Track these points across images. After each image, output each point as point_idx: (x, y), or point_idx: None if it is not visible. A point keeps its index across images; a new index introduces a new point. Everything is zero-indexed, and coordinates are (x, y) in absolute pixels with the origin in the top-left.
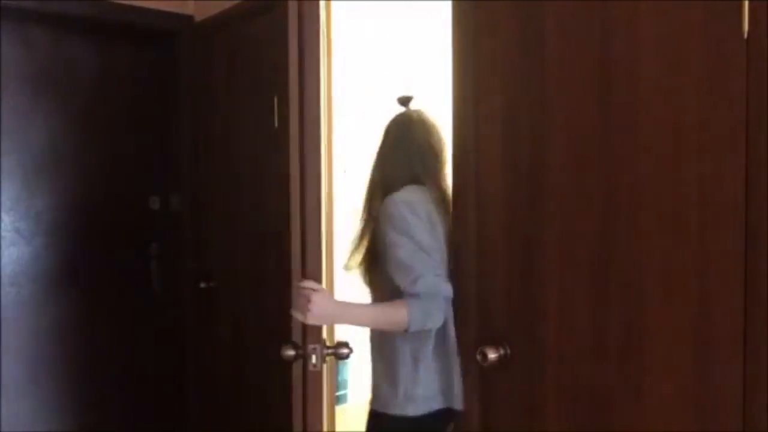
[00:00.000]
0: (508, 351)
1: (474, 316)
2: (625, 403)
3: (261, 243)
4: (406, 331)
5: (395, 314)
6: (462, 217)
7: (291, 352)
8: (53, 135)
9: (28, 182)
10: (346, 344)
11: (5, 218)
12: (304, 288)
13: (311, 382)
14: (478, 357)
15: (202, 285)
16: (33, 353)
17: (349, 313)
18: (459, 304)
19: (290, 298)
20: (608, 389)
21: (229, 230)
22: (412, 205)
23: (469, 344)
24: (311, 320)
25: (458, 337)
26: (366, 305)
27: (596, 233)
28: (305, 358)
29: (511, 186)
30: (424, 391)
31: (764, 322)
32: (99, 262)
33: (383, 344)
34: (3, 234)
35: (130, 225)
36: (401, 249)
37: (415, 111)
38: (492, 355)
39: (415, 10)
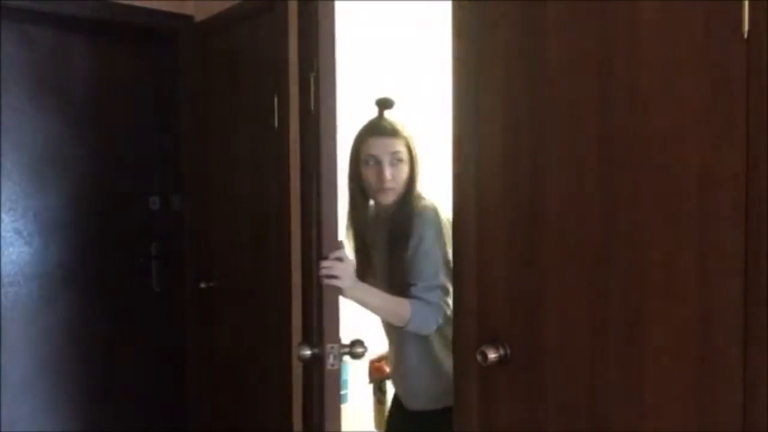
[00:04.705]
0: (508, 351)
1: (474, 316)
2: (625, 403)
3: (261, 243)
4: (401, 328)
5: (401, 309)
6: (462, 217)
7: (307, 352)
8: (53, 135)
9: (27, 182)
10: (361, 343)
11: (5, 218)
12: (334, 258)
13: (329, 381)
14: (478, 357)
15: (202, 285)
16: (32, 353)
17: (364, 289)
18: (459, 304)
19: (290, 299)
20: (608, 389)
21: (229, 230)
22: (443, 218)
23: (469, 344)
24: (348, 290)
25: (457, 336)
26: (375, 289)
27: (596, 233)
28: (322, 358)
29: (511, 186)
30: None
31: (764, 322)
32: (99, 262)
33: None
34: (2, 234)
35: (130, 225)
36: (432, 257)
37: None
38: (492, 355)
39: (416, 10)
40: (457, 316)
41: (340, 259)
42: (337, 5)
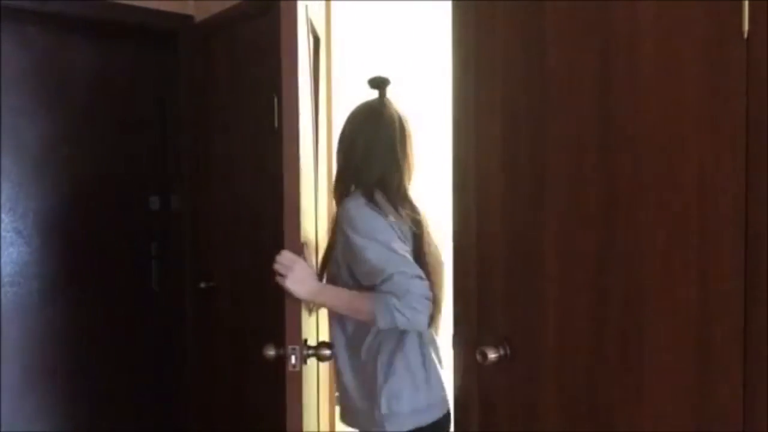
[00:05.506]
0: (508, 351)
1: (474, 316)
2: (625, 403)
3: (261, 243)
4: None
5: (359, 303)
6: (462, 217)
7: (272, 352)
8: (53, 135)
9: (27, 182)
10: (327, 345)
11: (4, 218)
12: (284, 259)
13: (290, 382)
14: (478, 357)
15: (202, 285)
16: (32, 353)
17: (324, 291)
18: (459, 304)
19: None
20: (608, 389)
21: (229, 230)
22: (371, 204)
23: (469, 344)
24: (292, 287)
25: (457, 337)
26: (338, 288)
27: (596, 233)
28: (285, 359)
29: (511, 186)
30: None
31: (764, 322)
32: (99, 262)
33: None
34: (2, 234)
35: (130, 225)
36: (369, 251)
37: (387, 100)
38: (492, 355)
39: (416, 9)
40: (457, 316)
41: (289, 258)
42: (341, 5)
